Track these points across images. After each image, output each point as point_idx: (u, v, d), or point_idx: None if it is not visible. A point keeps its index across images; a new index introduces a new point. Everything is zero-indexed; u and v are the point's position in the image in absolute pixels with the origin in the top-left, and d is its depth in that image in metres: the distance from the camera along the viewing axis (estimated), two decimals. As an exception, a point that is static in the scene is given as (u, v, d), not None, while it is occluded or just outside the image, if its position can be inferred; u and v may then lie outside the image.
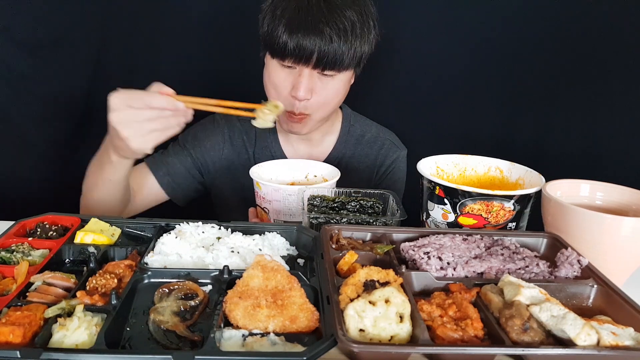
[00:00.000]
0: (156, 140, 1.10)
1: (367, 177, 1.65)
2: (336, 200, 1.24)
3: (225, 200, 1.64)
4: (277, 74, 1.36)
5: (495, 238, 1.07)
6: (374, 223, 1.15)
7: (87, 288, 0.87)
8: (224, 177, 1.60)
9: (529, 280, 0.88)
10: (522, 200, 1.13)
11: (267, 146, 1.59)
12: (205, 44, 1.86)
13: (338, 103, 1.45)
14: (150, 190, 1.51)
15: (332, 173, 1.38)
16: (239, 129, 1.61)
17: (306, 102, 1.35)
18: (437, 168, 1.34)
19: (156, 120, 1.07)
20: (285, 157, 1.58)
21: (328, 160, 1.60)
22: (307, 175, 1.45)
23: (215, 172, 1.60)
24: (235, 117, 1.64)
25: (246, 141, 1.60)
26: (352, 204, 1.24)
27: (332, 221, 1.14)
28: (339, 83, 1.37)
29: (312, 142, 1.60)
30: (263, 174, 1.37)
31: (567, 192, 1.23)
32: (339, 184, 1.31)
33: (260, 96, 1.69)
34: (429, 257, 0.97)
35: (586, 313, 0.84)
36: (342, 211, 1.22)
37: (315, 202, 1.23)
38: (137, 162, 1.37)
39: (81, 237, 1.02)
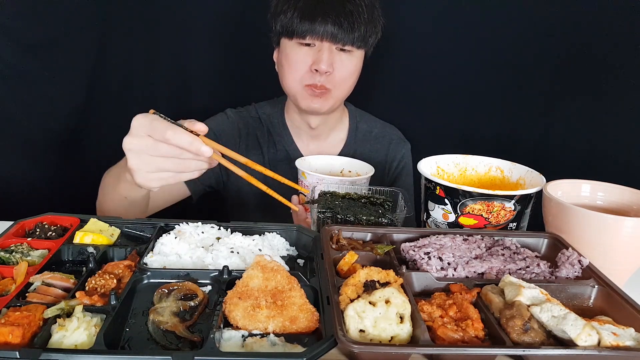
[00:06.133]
0: (164, 181, 1.00)
1: (379, 174, 1.66)
2: (346, 197, 1.24)
3: (242, 199, 1.64)
4: (296, 53, 1.39)
5: (496, 238, 1.07)
6: (379, 218, 1.14)
7: (87, 288, 0.87)
8: (241, 180, 1.60)
9: (529, 281, 0.88)
10: (522, 200, 1.13)
11: (281, 142, 1.61)
12: (204, 43, 1.86)
13: (352, 85, 1.49)
14: (172, 187, 1.46)
15: (365, 169, 1.44)
16: (252, 125, 1.62)
17: (328, 76, 1.39)
18: (437, 168, 1.33)
19: (171, 159, 0.96)
20: (300, 153, 1.61)
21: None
22: (343, 170, 1.50)
23: (234, 174, 1.60)
24: (247, 114, 1.63)
25: (260, 137, 1.61)
26: (362, 201, 1.23)
27: (338, 216, 1.14)
28: (355, 60, 1.42)
29: (321, 137, 1.62)
30: (306, 166, 1.42)
31: (568, 192, 1.22)
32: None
33: (260, 96, 1.70)
34: (429, 258, 0.96)
35: (587, 313, 0.84)
36: (350, 208, 1.21)
37: (325, 198, 1.23)
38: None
39: (80, 238, 1.02)
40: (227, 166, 1.03)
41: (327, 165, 1.49)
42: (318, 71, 1.37)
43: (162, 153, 0.95)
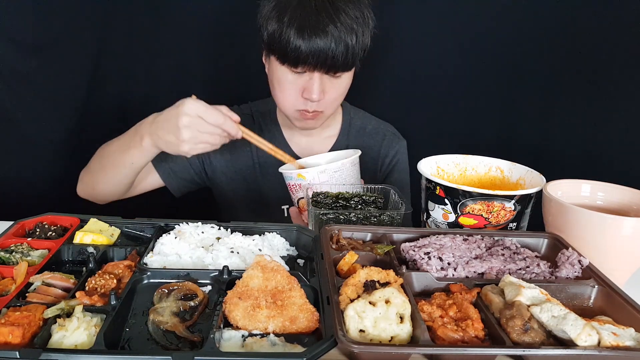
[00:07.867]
0: (202, 151, 1.23)
1: (372, 169, 1.65)
2: (339, 196, 1.24)
3: (230, 200, 1.63)
4: (286, 77, 1.36)
5: (496, 238, 1.07)
6: (381, 217, 1.14)
7: (87, 288, 0.87)
8: (228, 176, 1.60)
9: (529, 281, 0.88)
10: (522, 200, 1.13)
11: (272, 139, 1.58)
12: (204, 43, 1.86)
13: (343, 97, 1.48)
14: (145, 174, 1.50)
15: (350, 152, 1.40)
16: (244, 123, 1.58)
17: (319, 101, 1.38)
18: (437, 168, 1.33)
19: (213, 136, 1.22)
20: (291, 150, 1.59)
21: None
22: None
23: (218, 169, 1.59)
24: (239, 112, 1.62)
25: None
26: (355, 200, 1.23)
27: (341, 217, 1.14)
28: (346, 81, 1.41)
29: (313, 134, 1.61)
30: (290, 172, 1.36)
31: (568, 192, 1.22)
32: None
33: (261, 95, 1.70)
34: (429, 258, 0.96)
35: (587, 313, 0.84)
36: (347, 207, 1.21)
37: (318, 199, 1.23)
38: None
39: (80, 238, 1.02)
40: (250, 140, 1.33)
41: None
42: (309, 99, 1.35)
43: (209, 131, 1.21)
